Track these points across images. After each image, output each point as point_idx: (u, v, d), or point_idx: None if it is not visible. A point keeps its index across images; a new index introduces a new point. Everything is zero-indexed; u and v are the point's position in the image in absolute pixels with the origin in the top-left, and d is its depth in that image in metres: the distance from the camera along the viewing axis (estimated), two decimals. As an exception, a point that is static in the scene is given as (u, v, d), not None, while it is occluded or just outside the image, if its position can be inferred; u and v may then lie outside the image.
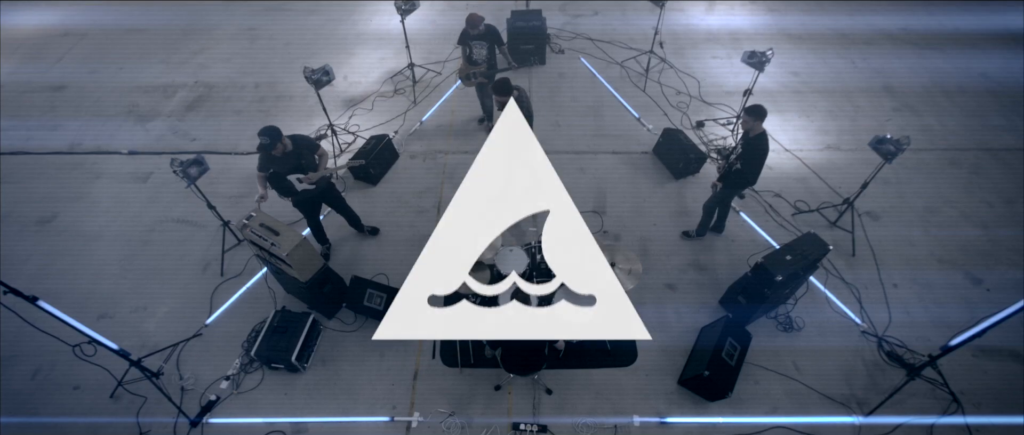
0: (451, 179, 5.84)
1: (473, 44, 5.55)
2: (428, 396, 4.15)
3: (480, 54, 5.56)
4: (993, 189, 5.71)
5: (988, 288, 4.81)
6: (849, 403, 4.08)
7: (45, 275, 5.05)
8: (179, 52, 7.94)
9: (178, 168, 4.10)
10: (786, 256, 3.92)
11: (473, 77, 5.83)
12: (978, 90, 7.00)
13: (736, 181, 4.48)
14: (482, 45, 5.53)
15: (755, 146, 4.15)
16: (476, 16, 5.44)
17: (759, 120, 4.05)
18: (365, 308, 4.38)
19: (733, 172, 4.39)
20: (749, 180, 4.40)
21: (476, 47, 5.53)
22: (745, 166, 4.26)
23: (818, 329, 4.49)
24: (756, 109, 4.05)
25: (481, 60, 5.60)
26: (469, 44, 5.61)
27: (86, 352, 3.43)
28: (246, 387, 4.20)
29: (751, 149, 4.17)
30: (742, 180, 4.44)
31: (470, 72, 5.81)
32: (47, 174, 6.06)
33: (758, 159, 4.19)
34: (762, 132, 4.12)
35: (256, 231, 3.86)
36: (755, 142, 4.14)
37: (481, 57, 5.58)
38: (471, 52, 5.60)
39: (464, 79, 5.94)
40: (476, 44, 5.54)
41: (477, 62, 5.65)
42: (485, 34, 5.55)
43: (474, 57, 5.59)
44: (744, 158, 4.24)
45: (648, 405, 4.08)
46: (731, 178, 4.45)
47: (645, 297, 4.68)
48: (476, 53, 5.56)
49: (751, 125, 4.09)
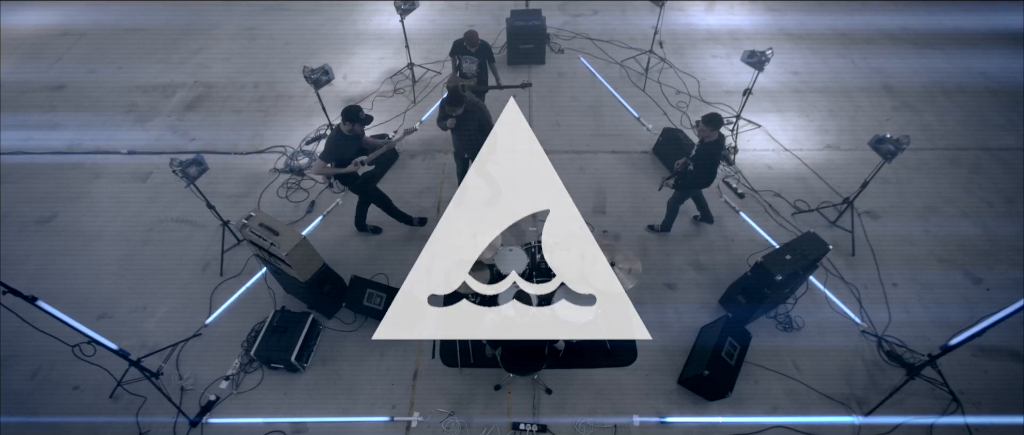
0: (450, 179, 5.84)
1: (464, 58, 5.49)
2: (428, 396, 4.14)
3: (470, 68, 5.48)
4: (993, 188, 5.71)
5: (988, 287, 4.81)
6: (849, 402, 4.08)
7: (44, 275, 5.04)
8: (178, 51, 7.94)
9: (177, 168, 4.09)
10: (786, 256, 3.92)
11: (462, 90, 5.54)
12: (978, 89, 7.00)
13: (691, 182, 4.61)
14: (473, 60, 5.48)
15: (708, 151, 4.29)
16: (475, 35, 5.53)
17: (715, 129, 4.16)
18: (365, 308, 4.37)
19: (688, 173, 4.50)
20: (704, 181, 4.55)
21: (466, 61, 5.47)
22: (698, 167, 4.40)
23: (818, 328, 4.49)
24: (713, 118, 4.15)
25: (471, 74, 5.53)
26: (460, 57, 5.55)
27: (85, 352, 3.42)
28: (246, 387, 4.19)
29: (704, 153, 4.31)
30: (696, 181, 4.57)
31: (460, 84, 5.58)
32: (46, 174, 6.06)
33: (711, 162, 4.36)
34: (717, 137, 4.23)
35: (255, 231, 3.86)
36: (709, 147, 4.27)
37: (471, 71, 5.50)
38: (461, 65, 5.50)
39: (439, 123, 5.44)
40: (467, 58, 5.48)
41: (467, 76, 5.56)
42: (479, 50, 5.60)
43: (464, 71, 5.50)
44: (697, 161, 4.38)
45: (648, 405, 4.08)
46: (686, 178, 4.55)
47: (645, 296, 4.68)
48: (466, 67, 5.47)
49: (707, 133, 4.19)
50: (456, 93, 4.45)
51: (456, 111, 4.48)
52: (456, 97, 4.43)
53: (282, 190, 5.71)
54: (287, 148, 6.18)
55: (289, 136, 6.38)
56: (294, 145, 6.22)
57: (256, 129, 6.53)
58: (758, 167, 5.91)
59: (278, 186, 5.75)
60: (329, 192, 5.68)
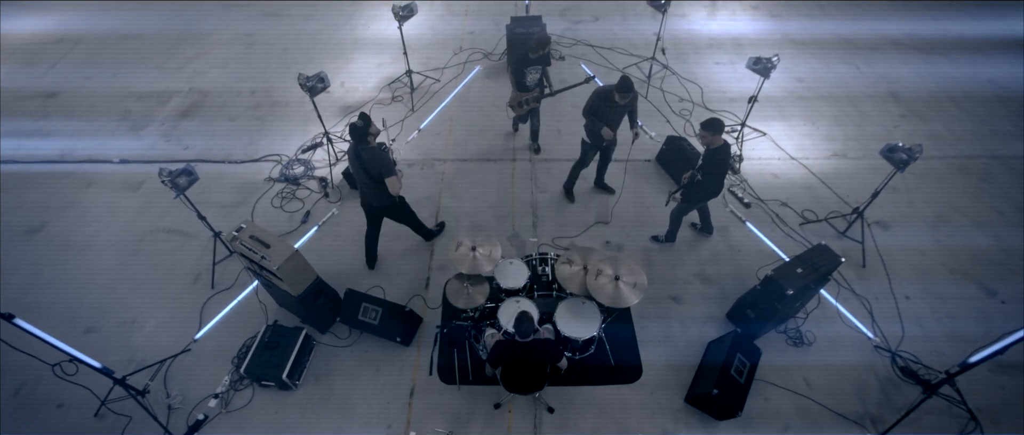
0: (449, 188, 5.71)
1: (528, 69, 5.20)
2: (425, 414, 3.99)
3: (534, 79, 5.25)
4: (1004, 197, 5.58)
5: (1003, 300, 4.67)
6: (863, 421, 3.93)
7: (32, 286, 4.90)
8: (174, 58, 7.84)
9: (166, 178, 3.96)
10: (797, 269, 3.78)
11: (526, 104, 5.53)
12: (986, 96, 6.89)
13: (698, 195, 4.45)
14: (537, 69, 5.22)
15: (715, 159, 4.13)
16: (546, 39, 5.22)
17: (717, 133, 4.01)
18: (360, 322, 4.22)
19: (694, 184, 4.33)
20: (712, 191, 4.41)
21: (531, 72, 5.20)
22: (705, 177, 4.24)
23: (829, 344, 4.34)
24: (713, 123, 4.00)
25: (534, 85, 5.33)
26: (525, 69, 5.22)
27: (66, 371, 3.28)
28: (235, 405, 4.04)
29: (712, 161, 4.15)
30: (704, 192, 4.42)
31: (523, 99, 5.48)
32: (37, 182, 5.93)
33: (719, 170, 4.20)
34: (722, 144, 4.07)
35: (246, 243, 3.72)
36: (715, 155, 4.11)
37: (535, 82, 5.29)
38: (526, 78, 5.24)
39: (516, 107, 5.62)
40: (532, 69, 5.20)
41: (529, 88, 5.35)
42: (541, 58, 5.30)
43: (528, 83, 5.27)
44: (705, 171, 4.21)
45: (654, 423, 3.93)
46: (694, 190, 4.38)
47: (649, 310, 4.54)
48: (531, 78, 5.23)
49: (710, 139, 4.04)
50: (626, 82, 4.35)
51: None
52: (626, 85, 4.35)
53: (277, 200, 5.58)
54: (282, 157, 6.06)
55: (285, 144, 6.25)
56: (290, 154, 6.10)
57: (252, 137, 6.41)
58: (764, 176, 5.78)
59: (273, 196, 5.62)
60: (325, 202, 5.56)
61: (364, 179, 4.12)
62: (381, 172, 3.97)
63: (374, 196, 4.27)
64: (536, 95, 5.43)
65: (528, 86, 5.32)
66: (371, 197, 4.30)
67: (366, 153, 3.95)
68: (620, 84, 4.36)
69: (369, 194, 4.28)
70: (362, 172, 4.06)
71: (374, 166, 3.97)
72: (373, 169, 3.98)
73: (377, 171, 3.98)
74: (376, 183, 4.07)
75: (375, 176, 4.02)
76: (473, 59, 7.61)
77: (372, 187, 4.15)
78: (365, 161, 3.97)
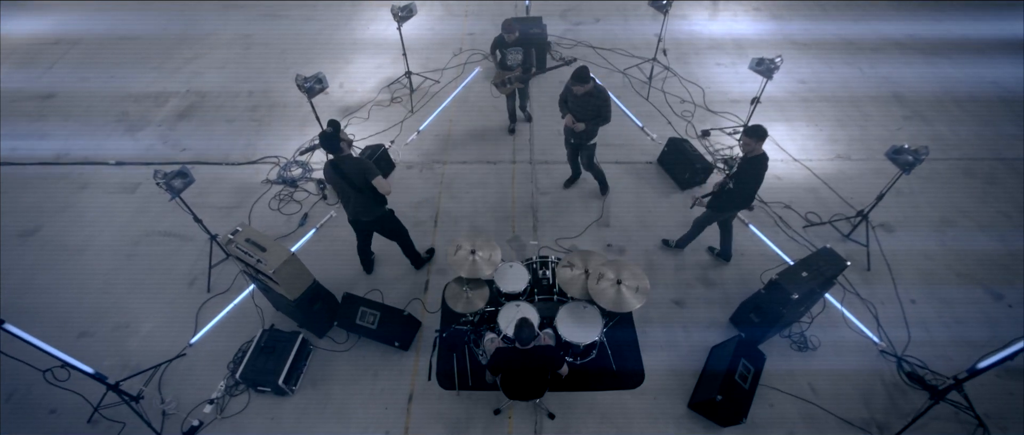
0: (449, 190, 5.65)
1: (508, 50, 5.53)
2: (424, 420, 3.92)
3: (516, 59, 5.56)
4: (1009, 200, 5.52)
5: (1010, 304, 4.60)
6: (869, 427, 3.85)
7: (26, 289, 4.83)
8: (172, 59, 7.79)
9: (161, 180, 3.90)
10: (802, 272, 3.72)
11: (509, 83, 5.79)
12: (989, 98, 6.84)
13: (726, 203, 4.24)
14: (518, 50, 5.53)
15: (752, 167, 3.94)
16: (510, 22, 5.44)
17: (759, 141, 3.84)
18: (357, 326, 4.16)
19: (724, 192, 4.16)
20: (742, 202, 4.19)
21: (511, 53, 5.53)
22: (738, 186, 4.04)
23: (834, 348, 4.27)
24: (756, 130, 3.83)
25: (516, 65, 5.60)
26: (502, 50, 5.56)
27: (58, 377, 3.22)
28: (231, 411, 3.97)
29: (747, 170, 3.97)
30: (733, 202, 4.20)
31: (506, 78, 5.75)
32: (32, 184, 5.87)
33: (753, 180, 4.00)
34: (761, 153, 3.90)
35: (242, 246, 3.66)
36: (752, 163, 3.93)
37: (516, 62, 5.58)
38: (505, 58, 5.57)
39: (499, 85, 5.85)
40: (512, 50, 5.53)
41: (511, 67, 5.63)
42: (519, 40, 5.54)
43: (509, 62, 5.58)
44: (738, 178, 4.02)
45: (656, 430, 3.86)
46: (722, 198, 4.19)
47: (651, 314, 4.47)
48: (511, 58, 5.55)
49: (751, 146, 3.87)
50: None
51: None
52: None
53: (274, 202, 5.52)
54: (280, 158, 6.00)
55: (283, 146, 6.20)
56: (288, 155, 6.04)
57: (249, 139, 6.36)
58: (767, 178, 5.61)
59: (270, 198, 5.56)
60: (322, 204, 5.50)
61: (349, 192, 3.90)
62: (366, 177, 3.78)
63: (363, 209, 4.04)
64: (518, 74, 5.65)
65: (509, 66, 5.58)
66: (359, 211, 4.06)
67: (344, 164, 3.77)
68: (575, 73, 4.36)
69: (357, 208, 4.03)
70: (345, 185, 3.85)
71: (356, 174, 3.78)
72: (357, 178, 3.78)
73: (362, 179, 3.78)
74: (362, 192, 3.86)
75: (360, 185, 3.81)
76: (473, 60, 7.57)
77: (359, 199, 3.93)
78: (346, 172, 3.78)
